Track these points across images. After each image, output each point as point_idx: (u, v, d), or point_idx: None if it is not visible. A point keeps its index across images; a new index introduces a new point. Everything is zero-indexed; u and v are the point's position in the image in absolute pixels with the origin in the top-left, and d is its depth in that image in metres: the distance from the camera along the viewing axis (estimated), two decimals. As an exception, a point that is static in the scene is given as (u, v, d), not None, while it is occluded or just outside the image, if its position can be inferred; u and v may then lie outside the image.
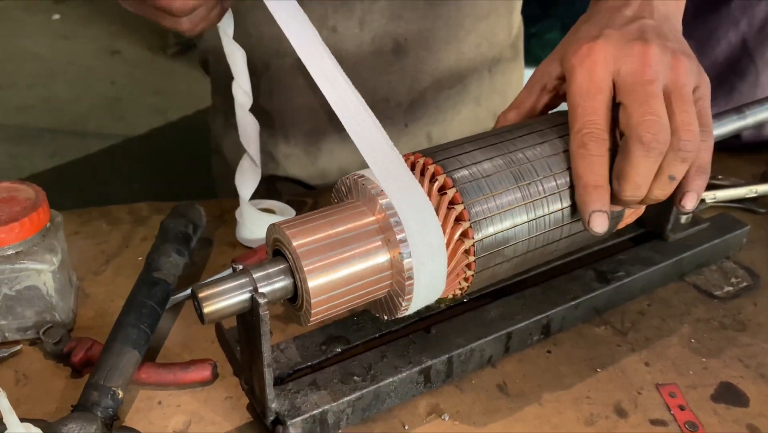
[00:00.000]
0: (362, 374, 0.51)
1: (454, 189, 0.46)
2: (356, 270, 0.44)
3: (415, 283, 0.45)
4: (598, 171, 0.49)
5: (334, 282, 0.44)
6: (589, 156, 0.48)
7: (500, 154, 0.49)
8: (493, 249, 0.47)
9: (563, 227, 0.50)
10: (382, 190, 0.45)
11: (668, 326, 0.61)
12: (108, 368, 0.50)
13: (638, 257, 0.64)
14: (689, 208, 0.51)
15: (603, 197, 0.48)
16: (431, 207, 0.45)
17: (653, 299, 0.64)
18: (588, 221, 0.48)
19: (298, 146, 0.87)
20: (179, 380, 0.53)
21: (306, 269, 0.43)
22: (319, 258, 0.44)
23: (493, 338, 0.55)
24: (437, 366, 0.53)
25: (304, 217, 0.46)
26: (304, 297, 0.44)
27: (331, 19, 0.77)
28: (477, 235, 0.46)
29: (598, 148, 0.48)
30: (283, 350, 0.54)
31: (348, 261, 0.44)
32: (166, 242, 0.62)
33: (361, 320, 0.57)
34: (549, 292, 0.60)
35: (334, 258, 0.44)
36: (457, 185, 0.47)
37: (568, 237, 0.51)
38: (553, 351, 0.58)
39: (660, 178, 0.49)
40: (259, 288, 0.44)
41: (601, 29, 0.51)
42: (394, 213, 0.44)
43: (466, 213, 0.46)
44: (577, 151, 0.49)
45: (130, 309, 0.55)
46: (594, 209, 0.48)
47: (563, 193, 0.50)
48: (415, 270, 0.44)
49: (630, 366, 0.57)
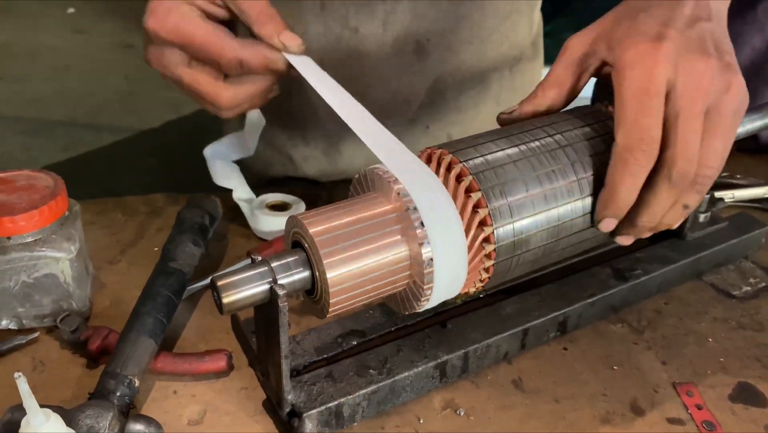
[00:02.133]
0: (378, 368, 0.51)
1: (470, 177, 0.46)
2: (376, 261, 0.44)
3: (436, 272, 0.44)
4: (637, 185, 0.46)
5: (353, 273, 0.44)
6: (636, 166, 0.45)
7: (517, 144, 0.49)
8: (513, 237, 0.47)
9: (585, 216, 0.50)
10: (397, 179, 0.45)
11: (685, 325, 0.60)
12: (124, 356, 0.50)
13: (656, 256, 0.63)
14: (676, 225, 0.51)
15: (626, 210, 0.48)
16: (447, 193, 0.45)
17: (670, 298, 0.63)
18: (600, 221, 0.48)
19: (317, 148, 0.86)
20: (195, 370, 0.53)
21: (325, 261, 0.43)
22: (339, 250, 0.43)
23: (509, 335, 0.55)
24: (453, 361, 0.53)
25: (322, 209, 0.45)
26: (323, 289, 0.44)
27: (352, 20, 0.76)
28: (496, 222, 0.46)
29: (646, 159, 0.45)
30: (299, 342, 0.54)
31: (367, 253, 0.44)
32: (183, 233, 0.62)
33: (377, 314, 0.57)
34: (566, 289, 0.59)
35: (353, 250, 0.44)
36: (474, 173, 0.46)
37: (591, 229, 0.51)
38: (570, 348, 0.58)
39: (675, 207, 0.48)
40: (278, 279, 0.43)
41: (663, 27, 0.46)
42: (410, 200, 0.44)
43: (484, 200, 0.45)
44: (622, 155, 0.45)
45: (147, 298, 0.55)
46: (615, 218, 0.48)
47: (583, 182, 0.49)
48: (435, 259, 0.44)
49: (646, 364, 0.56)
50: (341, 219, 0.45)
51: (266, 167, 0.89)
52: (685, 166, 0.46)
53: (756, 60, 0.87)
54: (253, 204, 0.71)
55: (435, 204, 0.44)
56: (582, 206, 0.49)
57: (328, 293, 0.43)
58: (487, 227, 0.46)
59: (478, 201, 0.46)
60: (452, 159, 0.47)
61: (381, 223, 0.45)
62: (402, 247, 0.45)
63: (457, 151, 0.48)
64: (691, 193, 0.47)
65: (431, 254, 0.44)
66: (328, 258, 0.43)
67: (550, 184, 0.48)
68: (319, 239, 0.43)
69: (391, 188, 0.45)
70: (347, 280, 0.44)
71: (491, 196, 0.46)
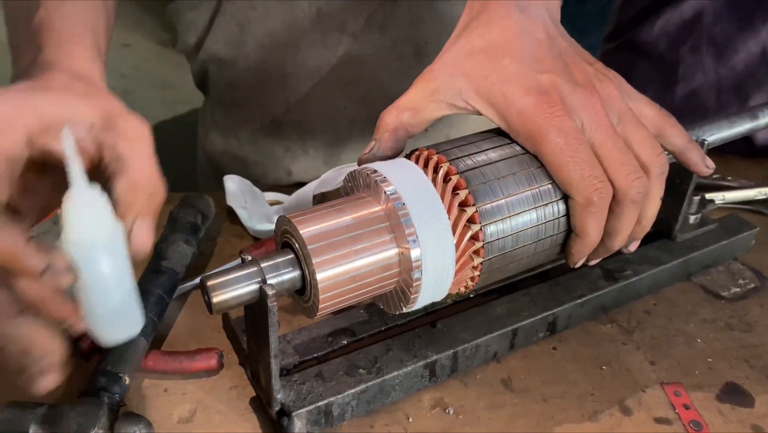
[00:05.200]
0: (368, 367, 0.51)
1: (457, 175, 0.46)
2: (365, 261, 0.44)
3: (424, 270, 0.44)
4: (602, 224, 0.48)
5: (342, 273, 0.44)
6: (599, 211, 0.47)
7: (501, 144, 0.49)
8: (501, 235, 0.47)
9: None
10: (386, 178, 0.45)
11: (674, 326, 0.61)
12: (115, 354, 0.50)
13: (646, 256, 0.64)
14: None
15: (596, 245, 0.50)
16: (435, 192, 0.45)
17: (660, 299, 0.64)
18: (575, 263, 0.51)
19: (317, 158, 0.85)
20: (185, 369, 0.53)
21: (315, 261, 0.43)
22: (328, 250, 0.43)
23: (498, 334, 0.55)
24: (442, 361, 0.53)
25: (312, 209, 0.46)
26: (312, 289, 0.44)
27: (350, 25, 0.76)
28: (484, 220, 0.46)
29: (605, 201, 0.47)
30: (289, 341, 0.54)
31: (356, 253, 0.44)
32: (175, 232, 0.62)
33: (367, 313, 0.57)
34: (556, 289, 0.59)
35: (342, 250, 0.44)
36: (460, 171, 0.46)
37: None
38: (559, 348, 0.58)
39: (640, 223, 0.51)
40: (267, 279, 0.44)
41: (538, 74, 0.47)
42: (398, 200, 0.44)
43: (471, 198, 0.46)
44: (585, 209, 0.47)
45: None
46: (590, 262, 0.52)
47: None
48: (423, 258, 0.44)
49: (635, 365, 0.57)
50: (331, 219, 0.45)
51: (262, 180, 0.88)
52: (640, 185, 0.47)
53: (750, 64, 0.87)
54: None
55: (423, 203, 0.45)
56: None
57: (317, 292, 0.44)
58: (475, 224, 0.46)
59: (466, 199, 0.46)
60: (439, 158, 0.47)
61: (370, 223, 0.45)
62: (391, 246, 0.45)
63: (443, 151, 0.48)
64: (656, 190, 0.50)
65: (419, 252, 0.44)
66: (317, 258, 0.43)
67: (537, 182, 0.48)
68: (308, 239, 0.43)
69: (379, 188, 0.45)
70: (336, 279, 0.44)
71: (478, 194, 0.46)
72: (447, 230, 0.45)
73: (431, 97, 0.49)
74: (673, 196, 0.63)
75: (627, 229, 0.49)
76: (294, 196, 0.71)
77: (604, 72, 0.51)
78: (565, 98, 0.47)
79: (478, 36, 0.49)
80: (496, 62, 0.48)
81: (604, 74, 0.50)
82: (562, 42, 0.51)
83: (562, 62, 0.49)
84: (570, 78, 0.48)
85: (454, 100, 0.49)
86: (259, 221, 0.68)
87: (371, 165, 0.47)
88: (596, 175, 0.46)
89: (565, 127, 0.46)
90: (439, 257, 0.45)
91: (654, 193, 0.50)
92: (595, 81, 0.49)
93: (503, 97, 0.47)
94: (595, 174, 0.46)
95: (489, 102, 0.48)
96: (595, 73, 0.50)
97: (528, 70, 0.47)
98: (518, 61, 0.48)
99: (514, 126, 0.48)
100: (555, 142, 0.46)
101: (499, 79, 0.47)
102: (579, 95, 0.47)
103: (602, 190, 0.47)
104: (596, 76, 0.50)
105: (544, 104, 0.46)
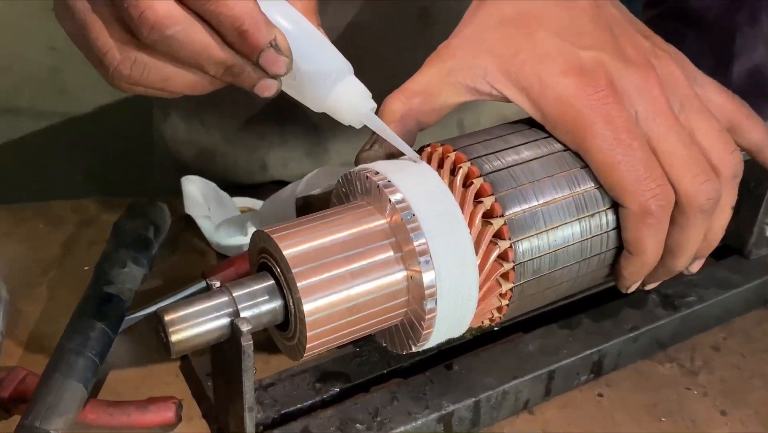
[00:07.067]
0: (367, 421, 0.51)
1: (481, 178, 0.46)
2: (364, 286, 0.44)
3: (439, 298, 0.44)
4: (662, 239, 0.48)
5: (335, 302, 0.43)
6: (658, 222, 0.47)
7: (535, 139, 0.49)
8: (537, 254, 0.47)
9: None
10: (391, 182, 0.45)
11: (750, 365, 0.61)
12: (45, 406, 0.49)
13: (713, 278, 0.64)
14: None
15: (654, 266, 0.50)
16: (453, 200, 0.45)
17: (731, 331, 0.64)
18: (628, 288, 0.51)
19: (298, 149, 0.86)
20: (135, 423, 0.52)
21: (301, 287, 0.42)
22: (317, 272, 0.43)
23: (530, 378, 0.55)
24: (460, 412, 0.53)
25: (296, 222, 0.45)
26: (298, 323, 0.43)
27: None
28: (514, 235, 0.46)
29: (666, 210, 0.47)
30: (266, 389, 0.53)
31: (353, 276, 0.44)
32: (121, 248, 0.62)
33: (365, 352, 0.57)
34: (601, 320, 0.60)
35: (335, 271, 0.43)
36: (485, 174, 0.46)
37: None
38: (606, 394, 0.58)
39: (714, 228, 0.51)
40: (240, 311, 0.43)
41: (580, 48, 0.47)
42: (407, 210, 0.44)
43: (498, 207, 0.45)
44: (640, 220, 0.47)
45: (75, 332, 0.55)
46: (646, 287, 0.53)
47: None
48: (438, 283, 0.44)
49: (702, 415, 0.57)
50: (320, 234, 0.44)
51: (231, 174, 0.88)
52: (712, 191, 0.47)
53: (756, 73, 0.90)
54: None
55: (438, 214, 0.44)
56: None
57: (304, 328, 0.43)
58: (503, 240, 0.45)
59: (492, 208, 0.45)
60: (457, 157, 0.47)
61: (371, 239, 0.45)
62: (397, 269, 0.45)
63: (462, 147, 0.48)
64: (727, 197, 0.50)
65: (433, 276, 0.44)
66: (303, 281, 0.43)
67: (580, 187, 0.48)
68: (292, 260, 0.43)
69: (383, 195, 0.45)
70: (328, 311, 0.43)
71: (507, 202, 0.46)
72: (468, 247, 0.45)
73: (447, 79, 0.49)
74: (747, 203, 0.63)
75: (693, 245, 0.49)
76: (270, 202, 0.71)
77: (664, 47, 0.51)
78: (614, 80, 0.47)
79: (505, 3, 0.49)
80: (529, 36, 0.48)
81: (663, 50, 0.50)
82: (610, 9, 0.50)
83: (610, 35, 0.49)
84: (621, 55, 0.48)
85: (475, 83, 0.49)
86: (227, 234, 0.68)
87: (372, 165, 0.47)
88: (654, 178, 0.46)
89: (614, 117, 0.46)
90: (457, 282, 0.45)
91: (725, 200, 0.50)
92: (652, 58, 0.49)
93: (537, 79, 0.47)
94: (654, 176, 0.46)
95: (519, 86, 0.48)
96: (652, 48, 0.50)
97: (569, 45, 0.47)
98: (557, 35, 0.47)
99: (551, 116, 0.47)
100: (602, 136, 0.46)
101: (532, 56, 0.47)
102: (632, 76, 0.47)
103: (662, 197, 0.46)
104: (653, 53, 0.50)
105: (589, 88, 0.46)
